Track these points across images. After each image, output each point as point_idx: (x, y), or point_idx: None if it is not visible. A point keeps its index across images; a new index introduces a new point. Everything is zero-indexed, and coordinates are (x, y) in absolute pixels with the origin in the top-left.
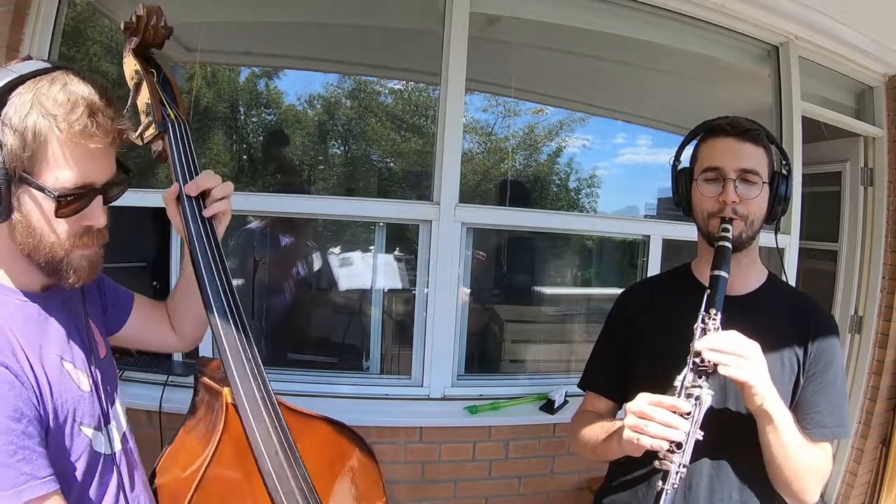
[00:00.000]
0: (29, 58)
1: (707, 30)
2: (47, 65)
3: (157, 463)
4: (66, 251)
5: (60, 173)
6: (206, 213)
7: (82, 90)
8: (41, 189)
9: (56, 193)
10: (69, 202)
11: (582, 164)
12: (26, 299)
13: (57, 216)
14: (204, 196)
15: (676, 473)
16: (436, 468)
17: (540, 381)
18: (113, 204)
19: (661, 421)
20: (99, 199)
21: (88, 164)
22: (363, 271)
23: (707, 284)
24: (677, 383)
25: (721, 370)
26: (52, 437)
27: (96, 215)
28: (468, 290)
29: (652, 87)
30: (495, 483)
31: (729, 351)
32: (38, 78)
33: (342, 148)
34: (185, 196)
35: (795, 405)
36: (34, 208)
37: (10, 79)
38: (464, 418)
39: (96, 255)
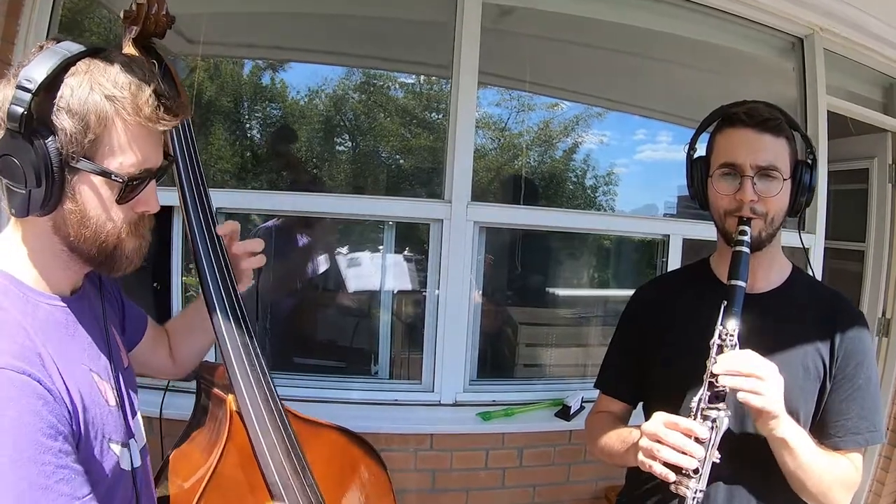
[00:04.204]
0: (57, 40)
1: (730, 21)
2: (89, 46)
3: (158, 472)
4: (120, 239)
5: (125, 158)
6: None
7: (140, 70)
8: (106, 174)
9: (125, 178)
10: (133, 187)
11: (599, 161)
12: (57, 303)
13: (118, 202)
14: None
15: (693, 499)
16: (447, 476)
17: (555, 386)
18: None
19: (673, 445)
20: (153, 183)
21: (150, 148)
22: (372, 272)
23: (725, 282)
24: (693, 405)
25: (739, 396)
26: (81, 454)
27: (152, 200)
28: (480, 292)
29: (673, 81)
30: (509, 492)
31: (745, 373)
32: (89, 58)
33: (350, 144)
34: (194, 207)
35: (824, 412)
36: (92, 196)
37: (62, 58)
38: (476, 425)
39: (146, 242)
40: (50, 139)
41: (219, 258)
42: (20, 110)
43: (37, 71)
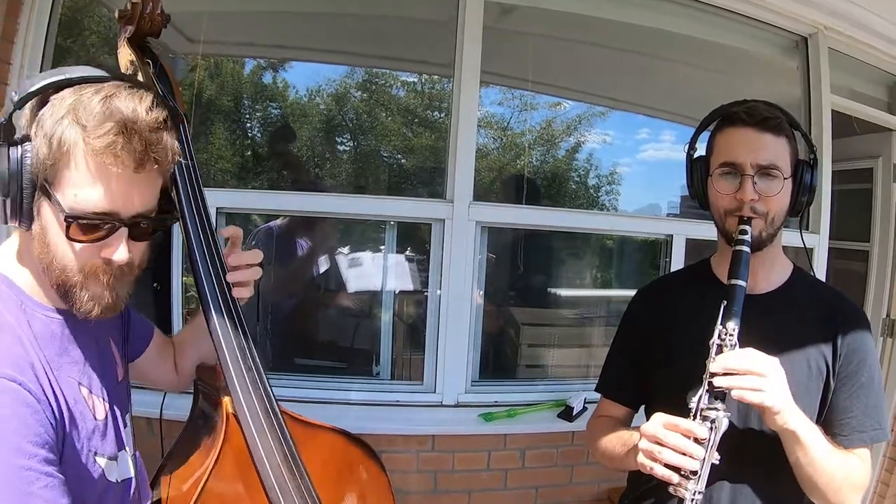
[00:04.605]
0: (88, 64)
1: (733, 20)
2: (104, 73)
3: (155, 476)
4: (80, 279)
5: (80, 191)
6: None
7: (126, 106)
8: (54, 203)
9: (66, 212)
10: (81, 226)
11: (602, 161)
12: (52, 315)
13: (67, 237)
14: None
15: (692, 501)
16: (449, 478)
17: (558, 386)
18: None
19: (674, 447)
20: (122, 231)
21: (113, 190)
22: (373, 272)
23: (725, 282)
24: (692, 405)
25: (734, 394)
26: (65, 465)
27: (116, 249)
28: (482, 292)
29: (677, 80)
30: (511, 493)
31: (742, 371)
32: (86, 84)
33: (351, 143)
34: (188, 205)
35: (828, 411)
36: (52, 222)
37: (57, 79)
38: (478, 426)
39: (120, 292)
40: (27, 154)
41: (214, 258)
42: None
43: (27, 85)
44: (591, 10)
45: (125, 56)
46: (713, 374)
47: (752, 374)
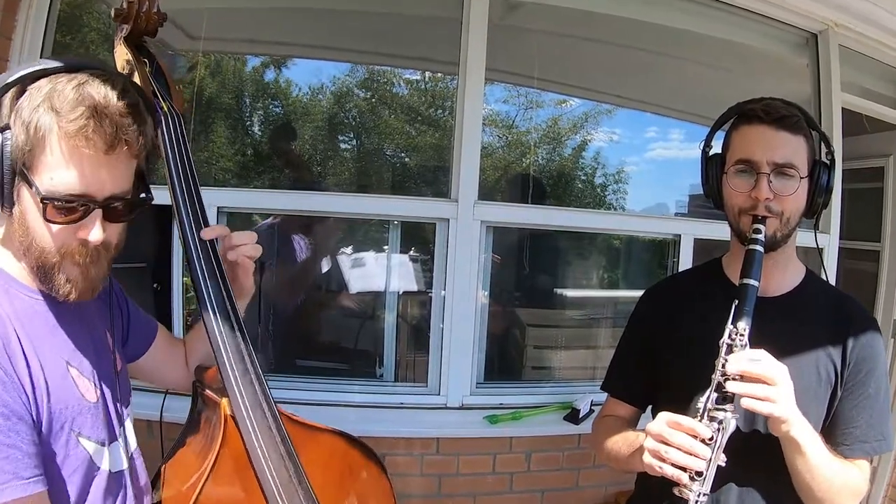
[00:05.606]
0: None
1: (742, 17)
2: (79, 63)
3: (153, 478)
4: (57, 260)
5: (56, 174)
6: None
7: (98, 91)
8: (30, 185)
9: (42, 194)
10: (57, 208)
11: (609, 159)
12: (39, 297)
13: (44, 219)
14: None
15: (696, 502)
16: (453, 481)
17: (564, 388)
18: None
19: (679, 446)
20: (97, 213)
21: (86, 171)
22: (376, 272)
23: (737, 282)
24: (699, 405)
25: (744, 403)
26: (44, 443)
27: (91, 230)
28: (488, 293)
29: (685, 78)
30: (517, 497)
31: (756, 377)
32: (62, 74)
33: (354, 142)
34: (185, 205)
35: (832, 419)
36: (31, 206)
37: (35, 69)
38: (483, 428)
39: (95, 272)
40: (6, 141)
41: (211, 258)
42: None
43: (4, 77)
44: (598, 6)
45: (121, 55)
46: (724, 376)
47: (765, 382)
